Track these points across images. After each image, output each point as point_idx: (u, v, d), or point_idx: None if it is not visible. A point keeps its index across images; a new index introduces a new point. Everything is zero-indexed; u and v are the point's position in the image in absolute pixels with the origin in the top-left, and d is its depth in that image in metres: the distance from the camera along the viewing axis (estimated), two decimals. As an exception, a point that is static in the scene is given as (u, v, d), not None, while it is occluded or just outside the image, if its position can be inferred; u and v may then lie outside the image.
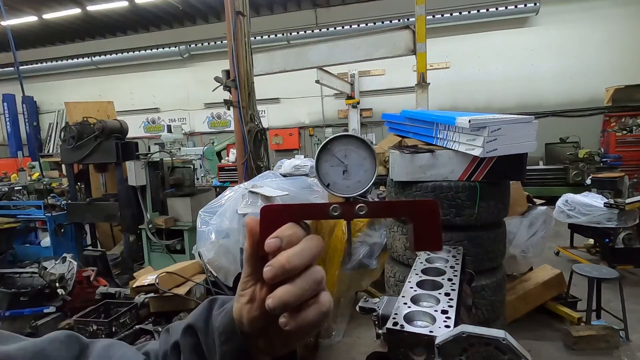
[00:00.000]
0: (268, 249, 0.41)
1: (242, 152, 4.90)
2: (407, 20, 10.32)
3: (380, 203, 0.49)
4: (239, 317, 0.46)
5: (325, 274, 0.43)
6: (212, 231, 3.31)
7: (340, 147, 0.48)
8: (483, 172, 2.46)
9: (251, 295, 0.45)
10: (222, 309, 0.49)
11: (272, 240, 0.41)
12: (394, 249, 2.78)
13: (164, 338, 0.53)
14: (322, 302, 0.42)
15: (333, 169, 0.48)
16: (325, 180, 0.48)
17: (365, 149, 0.48)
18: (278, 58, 6.93)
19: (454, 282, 1.06)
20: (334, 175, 0.48)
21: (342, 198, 0.48)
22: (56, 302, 3.44)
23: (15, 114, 15.10)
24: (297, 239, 0.42)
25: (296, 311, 0.40)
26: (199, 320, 0.50)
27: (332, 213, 0.46)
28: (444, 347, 0.76)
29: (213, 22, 12.92)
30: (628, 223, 4.16)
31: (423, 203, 0.47)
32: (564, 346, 3.06)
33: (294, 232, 0.42)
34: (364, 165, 0.48)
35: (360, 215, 0.47)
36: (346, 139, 0.48)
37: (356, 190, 0.48)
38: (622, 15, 10.22)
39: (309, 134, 12.90)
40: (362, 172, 0.48)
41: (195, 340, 0.49)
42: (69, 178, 5.22)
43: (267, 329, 0.45)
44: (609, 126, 9.26)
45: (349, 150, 0.48)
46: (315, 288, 0.41)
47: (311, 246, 0.42)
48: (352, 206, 0.47)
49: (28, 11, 11.47)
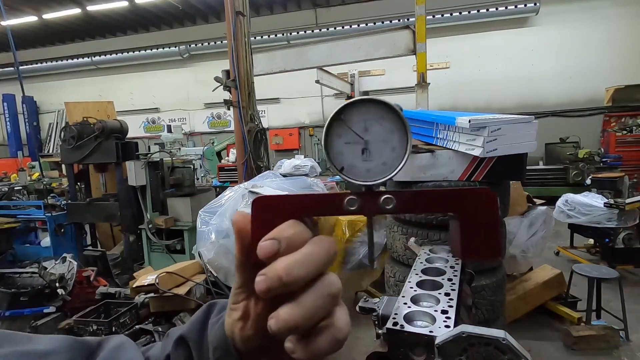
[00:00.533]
0: (261, 255, 0.31)
1: (242, 152, 4.90)
2: (407, 20, 10.32)
3: (414, 193, 0.36)
4: (231, 334, 0.38)
5: (341, 286, 0.33)
6: (212, 231, 3.32)
7: (359, 116, 0.36)
8: (483, 172, 2.46)
9: (244, 311, 0.37)
10: (219, 317, 0.42)
11: (267, 242, 0.31)
12: (394, 249, 2.78)
13: (163, 344, 0.47)
14: (339, 326, 0.33)
15: (349, 146, 0.36)
16: (339, 162, 0.36)
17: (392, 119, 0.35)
18: (278, 58, 6.93)
19: (454, 282, 1.06)
20: (350, 156, 0.36)
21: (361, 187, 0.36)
22: (56, 302, 3.44)
23: (15, 114, 15.11)
24: (301, 240, 0.32)
25: (306, 336, 0.32)
26: (193, 331, 0.43)
27: (347, 207, 0.35)
28: (444, 347, 0.76)
29: (213, 22, 12.93)
30: (628, 223, 4.16)
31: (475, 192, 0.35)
32: (564, 346, 3.06)
33: (297, 231, 0.33)
34: (391, 142, 0.35)
35: (386, 210, 0.35)
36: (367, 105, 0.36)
37: (380, 175, 0.36)
38: (622, 15, 10.22)
39: (309, 134, 12.91)
40: (388, 150, 0.36)
41: (187, 354, 0.43)
42: (69, 178, 5.22)
43: (267, 349, 0.37)
44: (609, 126, 9.26)
45: (370, 121, 0.36)
46: (330, 304, 0.32)
47: (320, 250, 0.32)
48: (375, 198, 0.35)
49: (28, 11, 11.47)
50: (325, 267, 0.32)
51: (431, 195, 0.36)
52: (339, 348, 0.33)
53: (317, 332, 0.32)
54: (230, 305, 0.38)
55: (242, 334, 0.37)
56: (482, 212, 0.35)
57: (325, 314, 0.32)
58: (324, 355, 0.32)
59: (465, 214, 0.35)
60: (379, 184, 0.36)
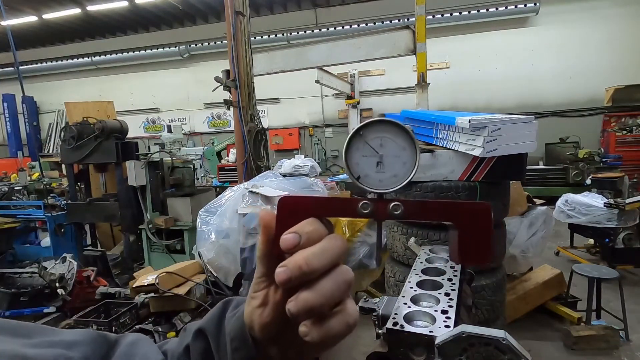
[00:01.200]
0: (284, 246, 0.36)
1: (242, 152, 4.90)
2: (407, 20, 10.32)
3: (419, 203, 0.41)
4: (250, 321, 0.42)
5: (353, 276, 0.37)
6: (212, 231, 3.32)
7: (376, 134, 0.41)
8: (483, 172, 2.46)
9: (264, 299, 0.41)
10: (235, 311, 0.46)
11: (290, 235, 0.36)
12: (394, 249, 2.78)
13: (180, 339, 0.51)
14: (349, 311, 0.37)
15: (365, 159, 0.42)
16: (355, 172, 0.42)
17: (405, 138, 0.41)
18: (278, 58, 6.93)
19: (454, 282, 1.06)
20: (366, 167, 0.42)
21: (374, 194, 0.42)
22: (56, 302, 3.45)
23: (15, 114, 15.10)
24: (319, 236, 0.36)
25: (319, 320, 0.35)
26: (211, 324, 0.47)
27: (361, 210, 0.40)
28: (444, 347, 0.76)
29: (213, 22, 12.93)
30: (628, 223, 4.16)
31: (474, 206, 0.40)
32: (564, 346, 3.06)
33: (315, 228, 0.37)
34: (402, 157, 0.41)
35: (394, 216, 0.40)
36: (383, 125, 0.42)
37: (391, 185, 0.41)
38: (622, 15, 10.22)
39: (309, 134, 12.90)
40: (399, 164, 0.41)
41: (206, 344, 0.46)
42: (69, 178, 5.22)
43: (281, 336, 0.41)
44: (609, 126, 9.26)
45: (385, 138, 0.41)
46: (345, 291, 0.36)
47: (334, 246, 0.36)
48: (385, 204, 0.40)
49: (28, 11, 11.47)
50: (339, 260, 0.36)
51: (435, 206, 0.41)
52: (349, 332, 0.37)
53: (330, 315, 0.36)
54: (251, 294, 0.42)
55: (260, 321, 0.40)
56: (478, 225, 0.40)
57: (339, 299, 0.36)
58: (336, 338, 0.36)
59: (464, 225, 0.40)
60: (390, 192, 0.41)
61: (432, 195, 2.52)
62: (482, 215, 0.40)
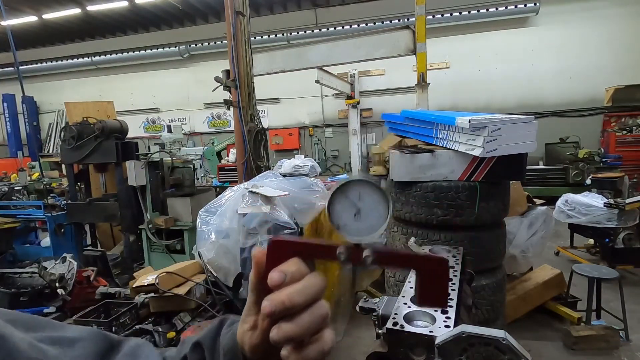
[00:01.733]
0: (271, 283, 0.41)
1: (242, 152, 4.90)
2: (407, 20, 10.31)
3: (389, 252, 0.48)
4: (241, 342, 0.47)
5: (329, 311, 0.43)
6: (212, 231, 3.31)
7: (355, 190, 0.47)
8: (483, 172, 2.46)
9: (254, 323, 0.45)
10: (230, 329, 0.50)
11: (276, 274, 0.41)
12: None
13: (179, 349, 0.55)
14: (325, 340, 0.42)
15: (346, 210, 0.47)
16: (336, 220, 0.47)
17: (379, 194, 0.47)
18: (278, 58, 6.92)
19: (454, 282, 1.06)
20: (346, 217, 0.47)
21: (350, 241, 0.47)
22: (56, 302, 3.45)
23: (15, 114, 15.09)
24: (301, 276, 0.42)
25: (299, 346, 0.41)
26: (207, 338, 0.51)
27: (340, 256, 0.45)
28: (444, 347, 0.76)
29: (213, 22, 12.92)
30: (628, 223, 4.16)
31: (432, 260, 0.46)
32: (564, 346, 3.06)
33: (298, 268, 0.42)
34: (377, 210, 0.46)
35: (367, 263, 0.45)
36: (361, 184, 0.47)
37: (367, 234, 0.46)
38: (622, 15, 10.22)
39: (309, 134, 12.90)
40: (375, 216, 0.46)
41: (202, 357, 0.51)
42: (69, 178, 5.22)
43: (268, 356, 0.45)
44: (609, 126, 9.26)
45: (363, 192, 0.47)
46: (320, 324, 0.41)
47: (314, 284, 0.42)
48: (360, 251, 0.45)
49: (28, 11, 11.47)
50: (318, 296, 0.42)
51: (401, 256, 0.47)
52: (324, 358, 0.42)
53: (309, 342, 0.41)
54: (243, 317, 0.47)
55: (250, 342, 0.46)
56: (437, 276, 0.46)
57: (315, 331, 0.41)
58: None
59: (424, 275, 0.46)
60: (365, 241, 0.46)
61: (432, 195, 2.52)
62: (440, 267, 0.45)
